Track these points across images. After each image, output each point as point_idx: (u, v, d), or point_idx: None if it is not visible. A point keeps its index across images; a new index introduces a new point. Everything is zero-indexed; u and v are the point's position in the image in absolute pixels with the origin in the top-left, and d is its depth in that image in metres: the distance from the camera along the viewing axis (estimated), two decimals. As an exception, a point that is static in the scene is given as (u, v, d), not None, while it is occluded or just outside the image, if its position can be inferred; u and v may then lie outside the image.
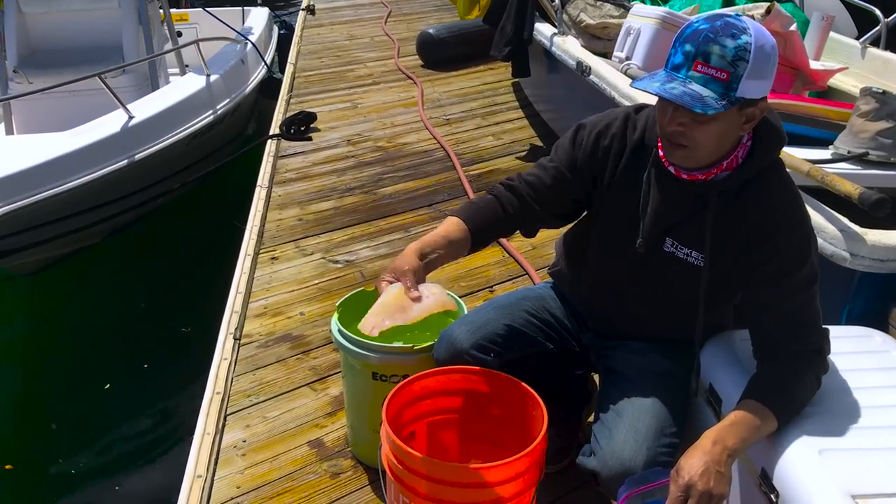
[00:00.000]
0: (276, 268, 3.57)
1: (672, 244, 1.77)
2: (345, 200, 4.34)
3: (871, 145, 2.84)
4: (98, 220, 4.54)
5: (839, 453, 1.51)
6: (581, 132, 1.87)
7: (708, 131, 1.57)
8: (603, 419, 1.82)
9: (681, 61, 1.55)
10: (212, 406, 2.56)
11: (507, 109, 5.99)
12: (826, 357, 1.65)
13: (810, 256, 1.65)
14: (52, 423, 3.81)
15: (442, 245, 1.85)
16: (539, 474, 1.73)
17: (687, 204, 1.72)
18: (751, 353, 1.73)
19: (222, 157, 5.62)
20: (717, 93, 1.51)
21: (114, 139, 4.43)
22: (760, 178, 1.68)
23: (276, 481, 2.29)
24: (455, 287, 3.36)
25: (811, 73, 3.65)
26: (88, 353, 4.28)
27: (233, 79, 5.95)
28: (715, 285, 1.75)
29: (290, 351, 2.93)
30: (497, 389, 1.89)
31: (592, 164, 1.84)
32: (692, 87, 1.51)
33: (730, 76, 1.50)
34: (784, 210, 1.66)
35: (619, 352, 1.97)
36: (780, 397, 1.57)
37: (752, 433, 1.54)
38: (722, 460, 1.49)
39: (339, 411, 2.58)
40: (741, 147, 1.66)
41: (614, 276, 1.90)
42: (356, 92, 6.46)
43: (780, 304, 1.65)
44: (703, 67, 1.51)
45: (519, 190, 1.90)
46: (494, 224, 1.91)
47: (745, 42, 1.50)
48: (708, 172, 1.67)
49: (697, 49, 1.52)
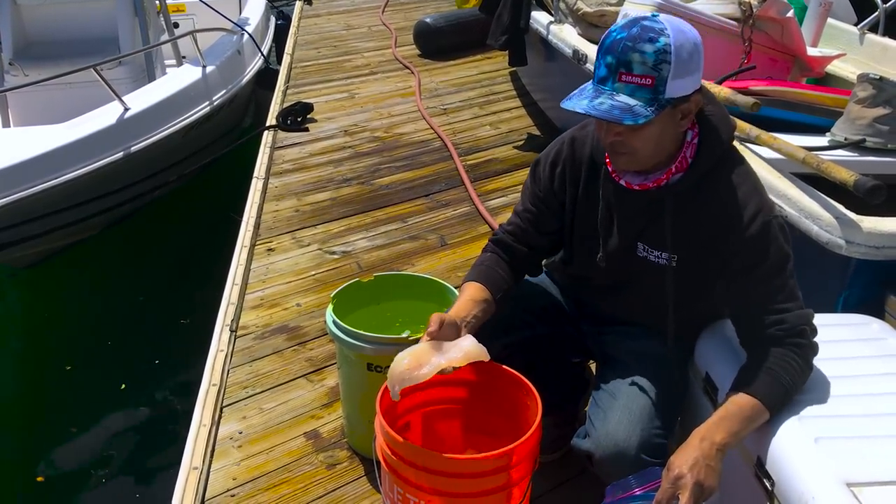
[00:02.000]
0: (273, 259, 3.56)
1: (644, 248, 1.80)
2: (341, 191, 4.33)
3: (868, 132, 2.81)
4: (95, 212, 4.53)
5: (835, 441, 1.51)
6: (537, 168, 1.92)
7: (645, 136, 1.59)
8: (598, 401, 1.84)
9: (605, 74, 1.56)
10: (208, 398, 2.56)
11: (504, 98, 5.97)
12: (811, 339, 1.64)
13: (775, 242, 1.64)
14: (48, 414, 3.82)
15: (474, 308, 1.80)
16: (534, 464, 1.72)
17: (647, 211, 1.75)
18: (748, 342, 1.72)
19: (219, 148, 5.60)
20: (646, 99, 1.52)
21: (110, 131, 4.42)
22: (715, 174, 1.69)
23: (272, 472, 2.29)
24: (452, 278, 3.34)
25: (808, 59, 3.62)
26: (85, 344, 4.28)
27: (229, 70, 5.93)
28: (690, 282, 1.77)
29: (286, 342, 2.92)
30: (492, 379, 1.89)
31: (555, 193, 1.89)
32: (619, 98, 1.53)
33: (655, 81, 1.52)
34: (739, 202, 1.66)
35: (614, 336, 1.98)
36: (767, 386, 1.57)
37: (742, 426, 1.54)
38: (711, 455, 1.49)
39: (335, 402, 2.57)
40: (688, 146, 1.68)
41: (597, 283, 1.95)
42: (353, 82, 6.43)
43: (753, 292, 1.66)
44: (628, 77, 1.53)
45: (503, 241, 1.94)
46: (504, 278, 1.90)
47: (664, 44, 1.51)
48: (658, 179, 1.69)
49: (618, 59, 1.53)
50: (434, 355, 1.63)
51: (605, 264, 1.85)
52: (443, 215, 4.03)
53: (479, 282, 1.87)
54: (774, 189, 2.33)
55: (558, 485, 2.20)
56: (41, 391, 4.02)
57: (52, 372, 4.09)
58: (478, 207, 4.07)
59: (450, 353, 1.64)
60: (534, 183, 1.93)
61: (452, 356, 1.64)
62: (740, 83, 3.18)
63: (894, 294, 2.10)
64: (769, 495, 1.52)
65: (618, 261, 1.84)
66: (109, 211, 4.66)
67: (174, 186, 5.14)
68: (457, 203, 4.18)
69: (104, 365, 4.08)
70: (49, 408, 3.86)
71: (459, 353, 1.64)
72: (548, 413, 1.75)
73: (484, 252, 1.97)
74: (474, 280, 1.88)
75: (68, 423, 3.73)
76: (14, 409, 3.96)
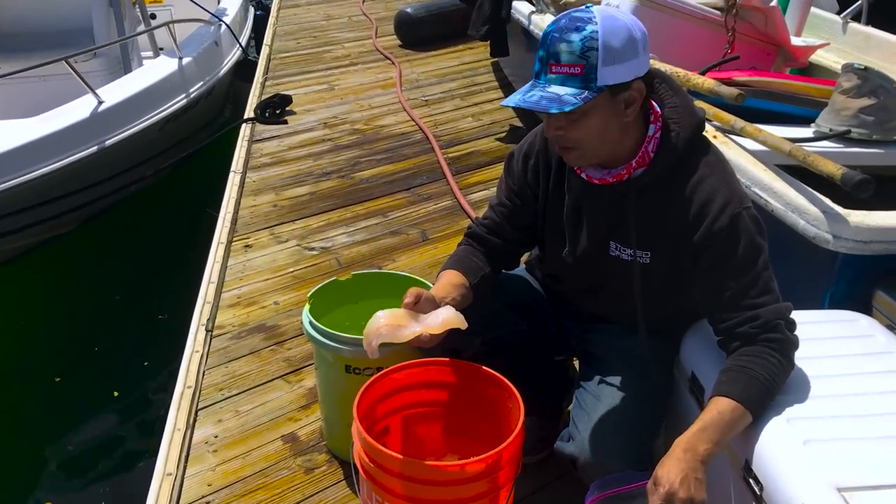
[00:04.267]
0: (250, 256, 3.49)
1: (616, 247, 1.76)
2: (321, 185, 4.26)
3: (852, 123, 2.78)
4: (69, 208, 4.44)
5: (824, 444, 1.47)
6: (511, 161, 1.90)
7: (585, 127, 1.56)
8: (581, 403, 1.80)
9: (538, 68, 1.56)
10: (182, 400, 2.49)
11: (486, 90, 5.91)
12: (787, 333, 1.60)
13: (745, 234, 1.60)
14: (20, 416, 3.71)
15: (453, 291, 1.77)
16: (516, 469, 1.68)
17: (613, 207, 1.71)
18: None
19: (196, 142, 5.52)
20: (576, 87, 1.51)
21: (83, 125, 4.33)
22: (681, 167, 1.65)
23: (249, 478, 2.23)
24: (433, 274, 3.26)
25: (792, 49, 3.59)
26: (58, 344, 4.17)
27: (206, 61, 5.83)
28: (662, 279, 1.74)
29: (263, 342, 2.86)
30: (473, 381, 1.84)
31: (529, 186, 1.86)
32: (551, 89, 1.52)
33: (584, 68, 1.50)
34: (706, 194, 1.62)
35: (598, 335, 1.95)
36: (745, 387, 1.53)
37: (725, 433, 1.50)
38: (697, 467, 1.45)
39: (313, 404, 2.51)
40: (649, 140, 1.64)
41: (571, 281, 1.92)
42: (333, 73, 6.36)
43: (724, 288, 1.61)
44: (557, 67, 1.52)
45: (478, 233, 1.92)
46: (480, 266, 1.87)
47: (590, 32, 1.50)
48: (618, 174, 1.66)
49: (548, 51, 1.53)
50: (411, 321, 1.64)
51: (573, 260, 1.81)
52: (424, 209, 3.97)
53: (454, 269, 1.84)
54: (759, 182, 2.29)
55: (542, 487, 2.16)
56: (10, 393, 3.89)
57: (23, 372, 3.99)
58: (459, 201, 4.01)
59: (427, 320, 1.64)
60: (508, 176, 1.90)
61: (430, 322, 1.63)
62: (724, 73, 3.14)
63: (882, 290, 2.06)
64: (757, 499, 1.48)
65: (589, 259, 1.80)
66: (84, 207, 4.57)
67: (151, 181, 5.05)
68: (438, 197, 4.12)
69: (77, 366, 3.97)
70: (20, 409, 3.75)
71: (437, 319, 1.64)
72: (531, 413, 1.72)
73: (458, 245, 1.95)
74: (450, 268, 1.86)
75: (39, 425, 3.63)
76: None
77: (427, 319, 1.63)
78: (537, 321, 2.01)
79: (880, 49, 3.78)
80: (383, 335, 1.62)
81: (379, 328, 1.62)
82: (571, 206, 1.78)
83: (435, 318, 1.64)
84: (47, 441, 3.55)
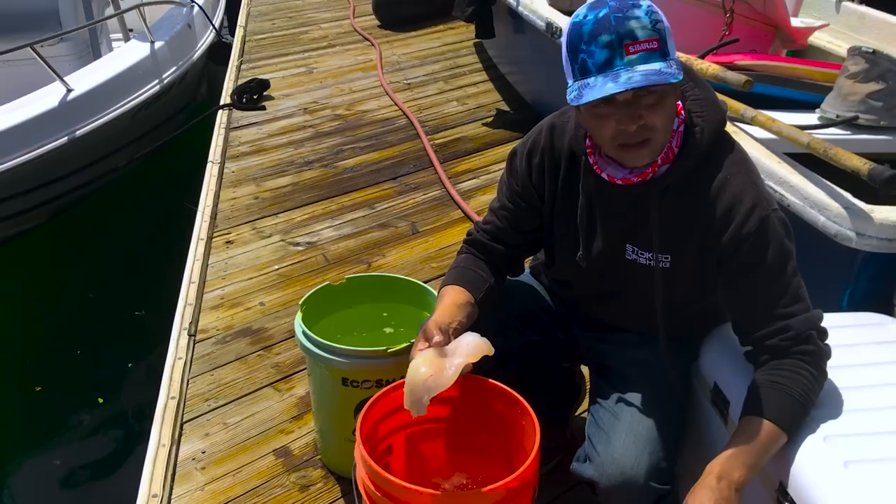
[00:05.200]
0: (232, 253, 3.33)
1: (633, 251, 1.64)
2: (303, 175, 4.09)
3: (860, 108, 2.69)
4: (38, 202, 4.28)
5: (866, 465, 1.37)
6: (514, 160, 1.76)
7: (665, 110, 1.43)
8: (598, 421, 1.68)
9: (608, 55, 1.37)
10: (167, 413, 2.35)
11: (470, 72, 5.76)
12: (820, 344, 1.50)
13: (775, 240, 1.49)
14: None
15: (458, 314, 1.64)
16: (534, 493, 1.56)
17: (632, 208, 1.59)
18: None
19: (170, 130, 5.34)
20: (663, 62, 1.38)
21: (51, 114, 4.18)
22: (705, 165, 1.53)
23: (240, 497, 2.10)
24: (426, 269, 3.17)
25: (792, 30, 3.48)
26: (27, 349, 3.96)
27: (179, 45, 5.65)
28: (684, 285, 1.62)
29: (250, 347, 2.71)
30: (479, 396, 1.72)
31: (534, 186, 1.72)
32: (640, 68, 1.36)
33: (660, 41, 1.39)
34: (733, 196, 1.50)
35: (611, 345, 1.82)
36: (779, 405, 1.43)
37: (760, 456, 1.40)
38: (731, 497, 1.35)
39: (306, 413, 2.38)
40: (673, 135, 1.52)
41: (583, 287, 1.79)
42: (311, 56, 6.17)
43: (752, 298, 1.51)
44: (636, 46, 1.37)
45: (479, 240, 1.78)
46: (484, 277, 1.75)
47: (648, 5, 1.41)
48: (643, 173, 1.53)
49: (619, 32, 1.37)
50: (445, 360, 1.49)
51: (586, 264, 1.69)
52: (412, 200, 3.82)
53: (457, 285, 1.71)
54: (774, 175, 2.18)
55: (551, 500, 2.04)
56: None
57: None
58: (449, 191, 3.87)
59: (460, 352, 1.50)
60: (510, 176, 1.76)
61: (467, 353, 1.50)
62: (724, 57, 3.03)
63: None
64: (795, 526, 1.38)
65: (604, 263, 1.67)
66: (54, 201, 4.42)
67: (124, 172, 4.86)
68: (427, 186, 3.97)
69: (50, 373, 3.75)
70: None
71: (469, 349, 1.51)
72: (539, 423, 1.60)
73: (459, 254, 1.81)
74: (452, 283, 1.72)
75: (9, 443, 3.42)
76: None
77: (459, 351, 1.50)
78: (545, 330, 1.89)
79: (876, 29, 3.69)
80: (432, 387, 1.46)
81: (426, 381, 1.46)
82: (585, 207, 1.65)
83: (467, 349, 1.50)
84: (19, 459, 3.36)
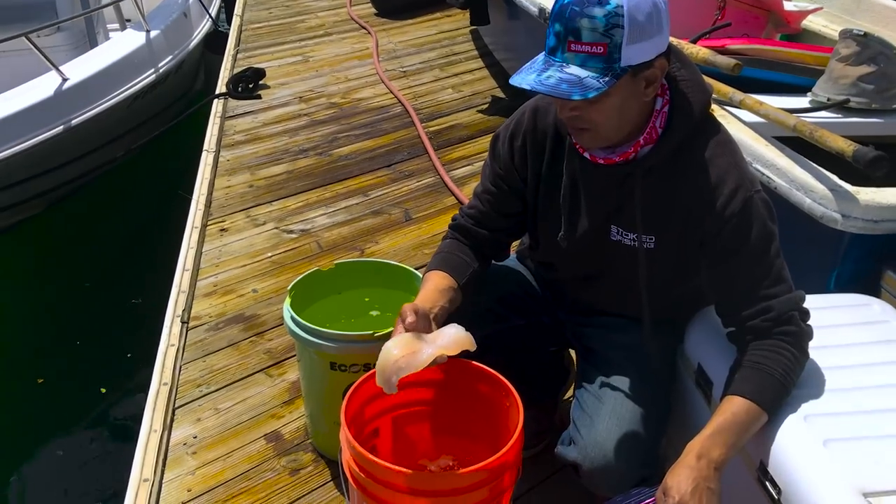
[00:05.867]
0: (226, 240, 3.34)
1: (618, 231, 1.64)
2: (298, 163, 4.10)
3: (851, 91, 2.68)
4: (35, 192, 4.27)
5: (846, 443, 1.38)
6: (497, 144, 1.75)
7: (605, 108, 1.43)
8: (582, 404, 1.69)
9: (554, 44, 1.39)
10: (158, 399, 2.36)
11: (466, 59, 5.75)
12: (801, 324, 1.50)
13: (757, 221, 1.50)
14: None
15: (440, 298, 1.64)
16: (516, 474, 1.58)
17: (617, 189, 1.59)
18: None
19: (166, 119, 5.33)
20: (598, 69, 1.36)
21: (47, 103, 4.17)
22: (689, 146, 1.53)
23: (231, 481, 2.11)
24: (418, 255, 3.17)
25: (785, 14, 3.47)
26: (25, 336, 3.98)
27: (175, 34, 5.64)
28: (667, 266, 1.63)
29: (242, 333, 2.72)
30: (465, 379, 1.73)
31: (517, 169, 1.72)
32: (569, 70, 1.37)
33: (607, 48, 1.35)
34: (717, 177, 1.51)
35: (596, 329, 1.83)
36: (759, 385, 1.44)
37: (740, 435, 1.41)
38: (710, 476, 1.36)
39: (297, 398, 2.39)
40: (657, 115, 1.52)
41: (567, 269, 1.80)
42: (307, 44, 6.16)
43: (734, 279, 1.52)
44: (577, 46, 1.37)
45: (463, 225, 1.77)
46: (467, 262, 1.74)
47: (615, 6, 1.34)
48: (625, 153, 1.53)
49: (566, 27, 1.37)
50: (422, 344, 1.49)
51: (571, 245, 1.69)
52: (406, 187, 3.83)
53: (441, 270, 1.71)
54: (761, 158, 2.18)
55: (539, 483, 2.06)
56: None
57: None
58: (443, 178, 3.87)
59: (439, 342, 1.49)
60: (493, 160, 1.75)
61: (443, 344, 1.49)
62: (716, 41, 3.01)
63: (892, 270, 1.97)
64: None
65: (589, 245, 1.68)
66: (50, 191, 4.39)
67: (120, 162, 4.85)
68: (420, 173, 3.97)
69: (45, 362, 3.78)
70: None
71: (447, 340, 1.49)
72: (527, 407, 1.61)
73: (444, 239, 1.81)
74: (436, 269, 1.72)
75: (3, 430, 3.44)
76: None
77: (438, 341, 1.49)
78: (531, 315, 1.90)
79: (871, 12, 3.67)
80: (402, 368, 1.46)
81: (396, 361, 1.46)
82: (569, 187, 1.65)
83: (445, 339, 1.49)
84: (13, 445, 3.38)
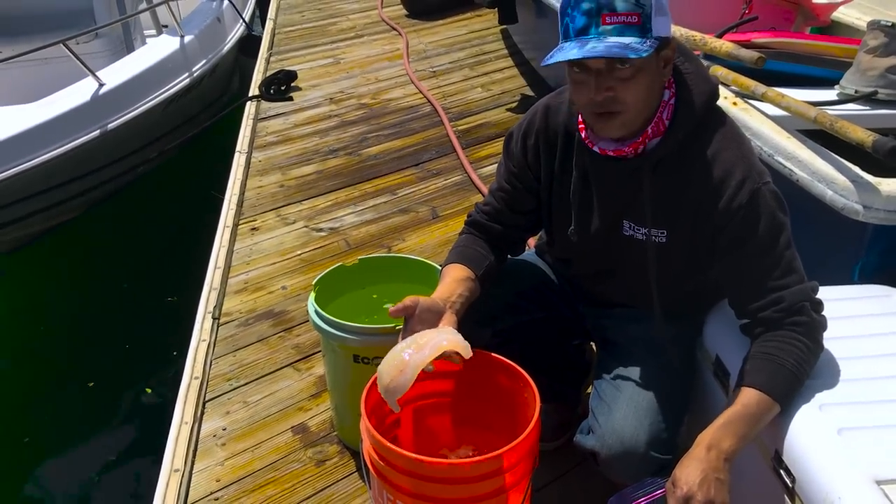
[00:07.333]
0: (257, 239, 3.41)
1: (630, 226, 1.66)
2: (328, 163, 4.16)
3: (879, 83, 2.64)
4: (73, 194, 4.38)
5: (861, 432, 1.38)
6: (510, 143, 1.78)
7: (638, 86, 1.45)
8: (601, 394, 1.71)
9: (585, 22, 1.42)
10: (189, 392, 2.43)
11: (495, 58, 5.78)
12: (814, 315, 1.50)
13: (766, 212, 1.51)
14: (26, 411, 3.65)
15: (458, 287, 1.66)
16: (534, 463, 1.60)
17: (627, 183, 1.61)
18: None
19: (201, 122, 5.43)
20: (637, 36, 1.39)
21: (84, 108, 4.26)
22: (696, 138, 1.55)
23: (258, 472, 2.17)
24: (444, 252, 3.15)
25: (813, 6, 3.43)
26: (66, 335, 4.10)
27: (209, 38, 5.74)
28: (679, 260, 1.64)
29: (271, 329, 2.78)
30: (485, 370, 1.75)
31: (529, 168, 1.74)
32: (611, 40, 1.39)
33: (641, 17, 1.40)
34: (724, 169, 1.52)
35: (614, 321, 1.85)
36: (771, 376, 1.44)
37: (751, 427, 1.42)
38: (720, 466, 1.37)
39: (323, 392, 2.44)
40: (664, 107, 1.54)
41: (585, 265, 1.82)
42: (339, 46, 6.24)
43: (745, 270, 1.53)
44: (612, 17, 1.40)
45: (478, 221, 1.80)
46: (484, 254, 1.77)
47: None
48: (634, 143, 1.55)
49: (598, 3, 1.40)
50: (408, 355, 1.50)
51: (584, 241, 1.71)
52: (434, 185, 3.86)
53: (458, 262, 1.73)
54: (783, 150, 2.17)
55: (560, 476, 2.08)
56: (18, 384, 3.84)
57: (31, 364, 3.93)
58: (470, 176, 3.90)
59: (423, 353, 1.50)
60: (507, 159, 1.79)
61: (425, 355, 1.49)
62: (742, 35, 3.00)
63: (916, 262, 1.96)
64: (789, 493, 1.39)
65: (602, 240, 1.70)
66: (88, 192, 4.50)
67: (155, 164, 4.96)
68: (448, 172, 4.01)
69: (85, 357, 3.90)
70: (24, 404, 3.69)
71: (431, 351, 1.50)
72: (548, 400, 1.64)
73: (460, 235, 1.84)
74: (453, 262, 1.74)
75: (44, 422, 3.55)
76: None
77: (423, 351, 1.50)
78: (551, 307, 1.92)
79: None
80: (396, 390, 1.49)
81: (387, 386, 1.50)
82: (579, 182, 1.67)
83: (430, 350, 1.50)
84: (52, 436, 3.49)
